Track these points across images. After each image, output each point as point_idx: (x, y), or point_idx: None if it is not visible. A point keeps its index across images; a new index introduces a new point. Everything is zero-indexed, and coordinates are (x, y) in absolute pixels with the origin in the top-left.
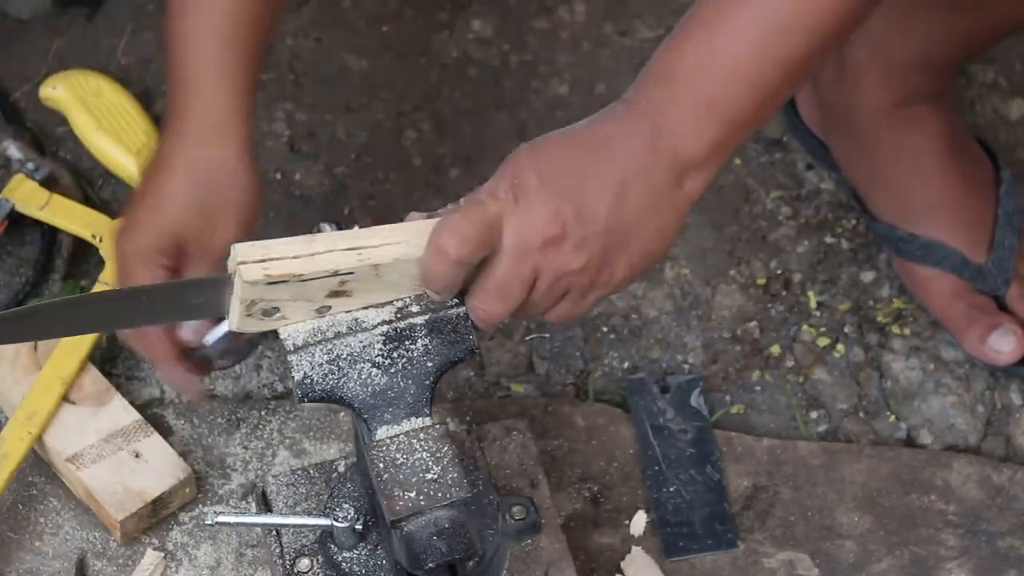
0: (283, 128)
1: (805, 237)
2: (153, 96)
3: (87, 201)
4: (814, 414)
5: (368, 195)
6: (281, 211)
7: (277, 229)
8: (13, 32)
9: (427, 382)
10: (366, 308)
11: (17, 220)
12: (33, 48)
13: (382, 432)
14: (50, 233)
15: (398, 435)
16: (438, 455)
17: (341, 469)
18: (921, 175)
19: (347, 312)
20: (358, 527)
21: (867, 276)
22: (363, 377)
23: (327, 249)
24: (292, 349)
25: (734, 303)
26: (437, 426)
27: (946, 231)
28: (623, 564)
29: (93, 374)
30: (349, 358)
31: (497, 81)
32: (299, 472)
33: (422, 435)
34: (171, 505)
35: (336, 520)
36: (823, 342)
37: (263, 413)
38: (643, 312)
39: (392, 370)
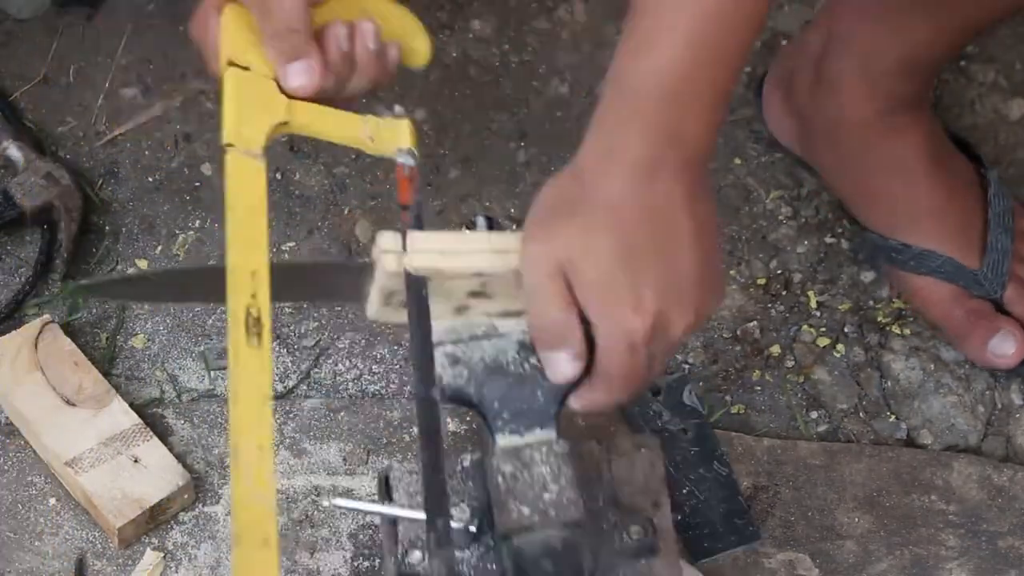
0: None
1: (805, 237)
2: (152, 93)
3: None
4: (814, 414)
5: (368, 195)
6: (281, 211)
7: (277, 229)
8: (13, 32)
9: (557, 395)
10: (504, 315)
11: (17, 220)
12: (33, 48)
13: (505, 440)
14: (50, 233)
15: (521, 446)
16: (557, 473)
17: (467, 464)
18: (907, 184)
19: (486, 315)
20: (472, 528)
21: (867, 276)
22: (493, 382)
23: (474, 249)
24: None
25: (734, 303)
26: (561, 442)
27: (937, 239)
28: None
29: (93, 375)
30: (481, 361)
31: (497, 81)
32: None
33: (544, 449)
34: (169, 511)
35: (451, 519)
36: (823, 342)
37: None
38: None
39: (523, 379)
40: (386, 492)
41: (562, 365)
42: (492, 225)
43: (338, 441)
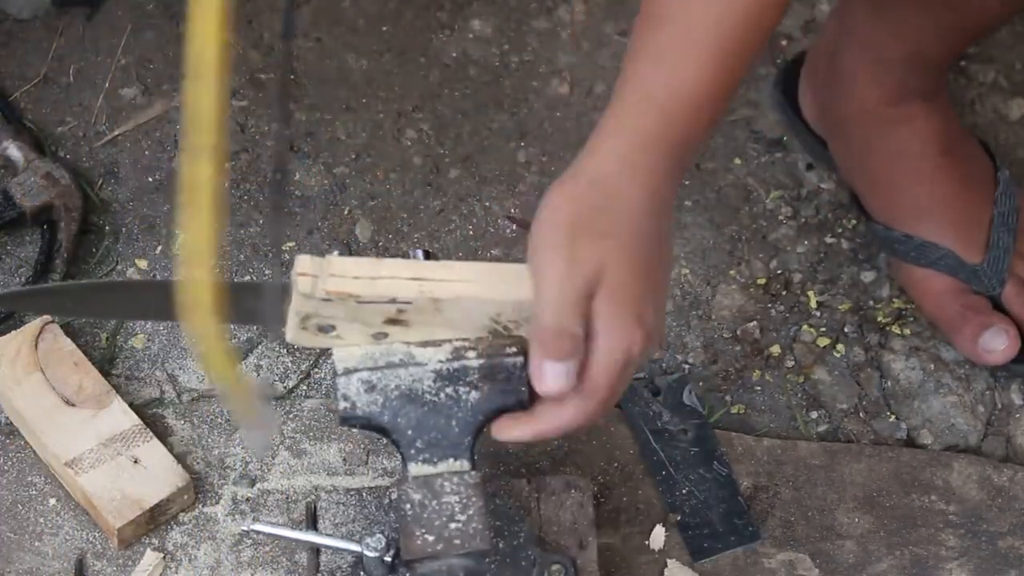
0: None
1: (805, 237)
2: (152, 93)
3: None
4: (814, 414)
5: (368, 195)
6: (281, 211)
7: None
8: (13, 32)
9: (472, 426)
10: (423, 344)
11: (17, 220)
12: (33, 48)
13: (418, 468)
14: (50, 233)
15: (432, 475)
16: (467, 503)
17: (395, 497)
18: (915, 176)
19: (404, 343)
20: (387, 559)
21: (867, 276)
22: (407, 411)
23: (390, 275)
24: (341, 371)
25: (734, 303)
26: (473, 473)
27: (940, 232)
28: None
29: (93, 375)
30: (396, 389)
31: (497, 81)
32: (352, 493)
33: (455, 479)
34: (169, 512)
35: (367, 548)
36: (823, 342)
37: None
38: None
39: (438, 409)
40: (312, 519)
41: (561, 377)
42: (428, 259)
43: (338, 441)
